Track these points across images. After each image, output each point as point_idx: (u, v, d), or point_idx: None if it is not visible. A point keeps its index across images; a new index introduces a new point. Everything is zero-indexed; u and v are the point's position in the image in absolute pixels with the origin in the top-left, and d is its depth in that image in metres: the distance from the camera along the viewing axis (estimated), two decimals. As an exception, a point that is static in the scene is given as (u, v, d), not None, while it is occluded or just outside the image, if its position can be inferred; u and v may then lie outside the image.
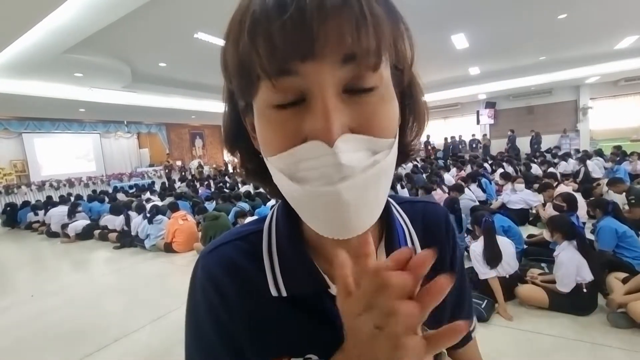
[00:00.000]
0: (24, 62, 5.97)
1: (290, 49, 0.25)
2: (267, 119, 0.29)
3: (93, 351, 2.48)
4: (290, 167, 0.28)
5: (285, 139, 0.28)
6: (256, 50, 0.25)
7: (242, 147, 0.37)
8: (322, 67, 0.25)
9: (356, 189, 0.27)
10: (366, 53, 0.26)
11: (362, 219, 0.29)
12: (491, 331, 2.34)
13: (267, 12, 0.25)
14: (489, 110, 13.98)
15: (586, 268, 2.35)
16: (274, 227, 0.41)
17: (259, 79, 0.27)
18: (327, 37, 0.25)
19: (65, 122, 13.36)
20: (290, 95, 0.27)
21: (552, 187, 4.64)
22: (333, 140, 0.26)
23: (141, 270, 4.44)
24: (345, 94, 0.27)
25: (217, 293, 0.38)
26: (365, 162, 0.27)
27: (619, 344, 2.07)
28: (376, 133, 0.28)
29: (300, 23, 0.24)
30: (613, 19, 6.73)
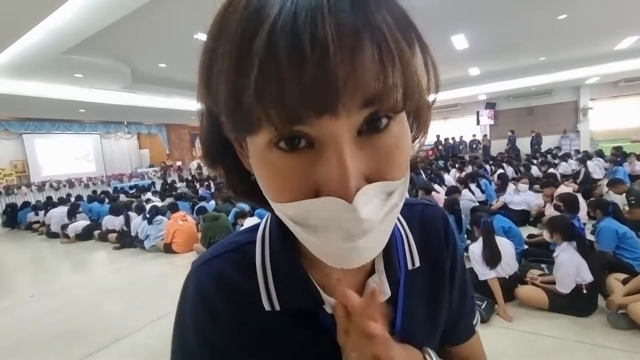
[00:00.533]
0: (24, 63, 5.97)
1: (308, 107, 0.21)
2: (270, 164, 0.25)
3: (92, 352, 2.47)
4: (300, 216, 0.26)
5: (293, 188, 0.24)
6: (263, 106, 0.21)
7: (227, 163, 0.32)
8: (339, 121, 0.22)
9: (373, 238, 0.26)
10: (388, 95, 0.22)
11: (371, 256, 0.28)
12: (491, 332, 2.33)
13: (280, 58, 0.20)
14: (489, 110, 13.98)
15: (586, 269, 2.35)
16: (267, 239, 0.39)
17: (260, 126, 0.23)
18: (351, 87, 0.21)
19: (65, 122, 13.38)
20: (298, 140, 0.23)
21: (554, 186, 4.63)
22: (352, 196, 0.23)
23: (141, 270, 4.44)
24: (359, 136, 0.24)
25: (206, 310, 0.37)
26: (383, 211, 0.26)
27: (620, 346, 2.06)
28: (391, 176, 0.26)
29: (323, 74, 0.20)
30: (613, 19, 6.73)
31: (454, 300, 0.46)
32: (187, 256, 4.80)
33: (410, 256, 0.41)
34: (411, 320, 0.40)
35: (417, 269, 0.41)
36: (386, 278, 0.38)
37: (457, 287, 0.46)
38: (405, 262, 0.40)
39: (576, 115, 12.83)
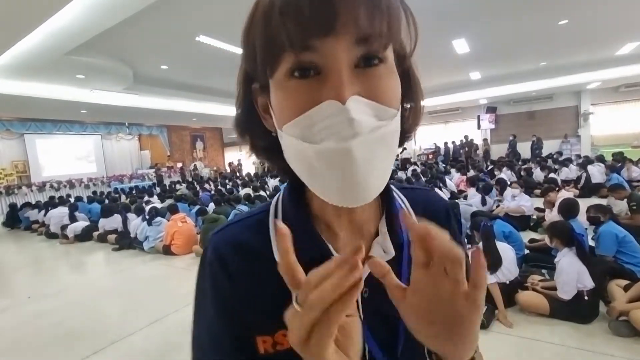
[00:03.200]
0: (27, 64, 6.00)
1: (316, 25, 0.28)
2: (287, 89, 0.31)
3: (89, 354, 2.46)
4: (304, 130, 0.31)
5: (302, 105, 0.30)
6: (285, 24, 0.28)
7: (252, 127, 0.40)
8: (339, 45, 0.29)
9: (365, 147, 0.30)
10: (378, 36, 0.29)
11: (370, 185, 0.31)
12: (491, 338, 2.31)
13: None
14: (489, 115, 13.99)
15: (587, 275, 2.33)
16: (280, 205, 0.44)
17: (283, 51, 0.30)
18: (347, 19, 0.28)
19: (66, 123, 13.41)
20: (309, 70, 0.30)
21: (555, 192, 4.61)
22: (345, 99, 0.29)
23: (139, 272, 4.43)
24: (356, 69, 0.31)
25: (223, 270, 0.41)
26: (372, 124, 0.30)
27: (621, 353, 2.04)
28: (381, 100, 0.31)
29: (326, 3, 0.28)
30: (614, 25, 6.75)
31: None
32: (186, 258, 4.78)
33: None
34: None
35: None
36: (390, 240, 0.41)
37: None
38: (407, 232, 0.41)
39: (577, 120, 12.84)
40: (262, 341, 0.40)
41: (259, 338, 0.40)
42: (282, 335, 0.39)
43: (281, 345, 0.39)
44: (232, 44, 6.42)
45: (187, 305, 3.17)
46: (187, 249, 4.91)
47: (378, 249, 0.41)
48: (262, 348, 0.40)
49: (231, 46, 6.52)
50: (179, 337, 2.60)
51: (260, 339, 0.40)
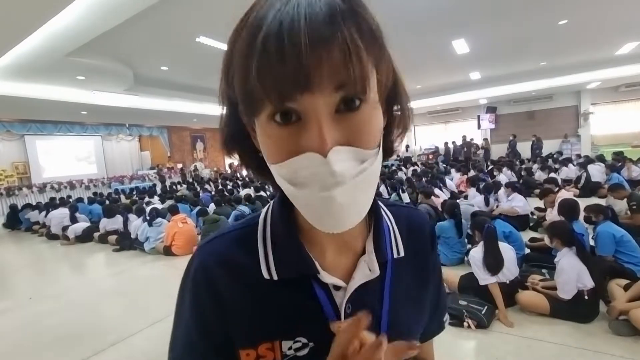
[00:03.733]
0: (27, 65, 6.01)
1: (291, 86, 0.29)
2: (269, 133, 0.32)
3: (90, 355, 2.46)
4: (289, 174, 0.32)
5: (284, 151, 0.32)
6: (262, 84, 0.29)
7: (242, 146, 0.40)
8: (316, 97, 0.30)
9: (348, 193, 0.31)
10: (354, 81, 0.29)
11: (352, 217, 0.34)
12: (491, 338, 2.32)
13: (269, 54, 0.28)
14: (489, 115, 13.99)
15: (587, 275, 2.34)
16: (269, 218, 0.44)
17: (262, 103, 0.31)
18: (321, 74, 0.29)
19: (67, 124, 13.42)
20: (290, 115, 0.31)
21: (554, 193, 4.61)
22: (326, 151, 0.30)
23: (140, 273, 4.43)
24: (337, 114, 0.31)
25: (207, 284, 0.41)
26: (354, 170, 0.31)
27: (621, 352, 2.04)
28: (362, 145, 0.32)
29: (298, 64, 0.28)
30: (613, 25, 6.76)
31: (432, 296, 0.51)
32: (186, 259, 4.64)
33: (396, 246, 0.46)
34: (398, 301, 0.44)
35: (402, 260, 0.46)
36: (375, 259, 0.42)
37: (436, 283, 0.52)
38: (392, 251, 0.45)
39: (577, 120, 12.84)
40: (246, 354, 0.40)
41: (242, 351, 0.40)
42: (265, 348, 0.40)
43: (264, 358, 0.40)
44: (232, 44, 6.43)
45: (188, 306, 3.17)
46: (188, 250, 4.91)
47: (364, 267, 0.42)
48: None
49: (231, 47, 6.53)
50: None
51: (243, 352, 0.40)
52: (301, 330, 0.40)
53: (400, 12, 5.36)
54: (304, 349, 0.40)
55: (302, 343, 0.40)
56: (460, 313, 2.44)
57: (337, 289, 0.41)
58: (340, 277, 0.41)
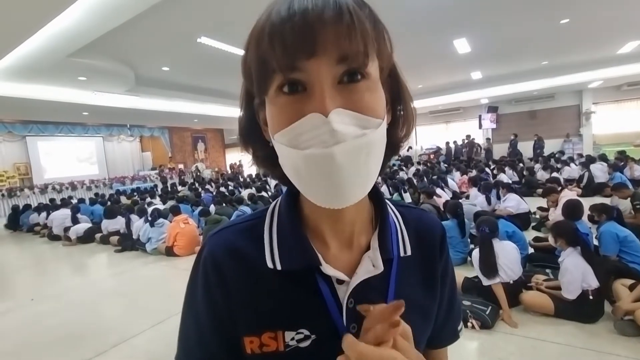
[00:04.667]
0: (29, 66, 6.02)
1: (299, 49, 0.31)
2: (277, 103, 0.35)
3: (92, 356, 2.45)
4: (292, 140, 0.33)
5: (291, 117, 0.33)
6: (273, 50, 0.32)
7: (254, 139, 0.43)
8: (321, 65, 0.32)
9: (348, 153, 0.32)
10: (356, 54, 0.32)
11: (353, 188, 0.34)
12: (496, 338, 2.31)
13: (282, 22, 0.32)
14: (491, 114, 13.96)
15: (591, 275, 2.32)
16: (276, 212, 0.46)
17: (273, 72, 0.33)
18: (326, 42, 0.31)
19: (68, 125, 13.45)
20: (296, 86, 0.33)
21: (556, 192, 4.59)
22: (327, 112, 0.31)
23: (142, 274, 4.43)
24: (339, 85, 0.33)
25: (216, 272, 0.43)
26: (355, 132, 0.32)
27: (626, 353, 2.03)
28: (363, 112, 0.33)
29: (306, 31, 0.31)
30: (616, 24, 6.73)
31: (444, 302, 0.50)
32: (188, 259, 4.78)
33: (403, 245, 0.46)
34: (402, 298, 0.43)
35: (409, 259, 0.46)
36: (380, 255, 0.43)
37: (447, 291, 0.51)
38: (398, 249, 0.45)
39: (579, 119, 12.80)
40: (250, 341, 0.41)
41: (247, 338, 0.41)
42: (268, 337, 0.41)
43: (267, 347, 0.40)
44: (233, 45, 6.42)
45: (190, 307, 3.17)
46: (190, 250, 4.91)
47: (367, 263, 0.42)
48: (249, 348, 0.41)
49: (232, 47, 6.52)
50: (182, 338, 2.60)
51: (247, 339, 0.41)
52: (304, 322, 0.41)
53: (402, 12, 5.34)
54: (306, 340, 0.41)
55: (305, 335, 0.41)
56: (464, 313, 2.43)
57: (340, 283, 0.41)
58: (344, 271, 0.41)
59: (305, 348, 0.40)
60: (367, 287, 0.41)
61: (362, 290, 0.41)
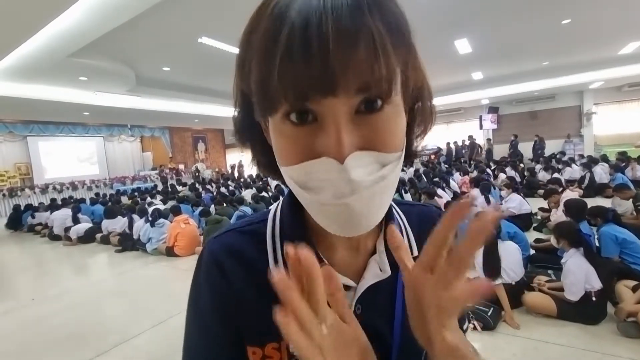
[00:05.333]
0: (29, 66, 6.02)
1: (314, 88, 0.27)
2: (283, 134, 0.31)
3: (93, 356, 2.45)
4: (302, 178, 0.31)
5: (299, 153, 0.30)
6: (281, 83, 0.27)
7: (254, 139, 0.39)
8: (338, 100, 0.28)
9: (364, 200, 0.29)
10: (378, 82, 0.28)
11: (368, 222, 0.32)
12: (498, 340, 2.30)
13: (293, 46, 0.26)
14: (492, 115, 13.94)
15: (594, 276, 2.31)
16: (278, 216, 0.44)
17: (279, 103, 0.29)
18: (346, 77, 0.27)
19: (69, 125, 13.46)
20: (306, 115, 0.29)
21: (558, 193, 4.58)
22: (344, 157, 0.28)
23: (142, 274, 4.42)
24: (356, 115, 0.29)
25: (218, 270, 0.41)
26: (373, 176, 0.30)
27: (630, 354, 2.02)
28: (383, 149, 0.30)
29: (324, 67, 0.26)
30: (617, 24, 6.72)
31: None
32: (189, 260, 4.77)
33: (409, 245, 0.45)
34: None
35: (415, 258, 0.42)
36: (387, 259, 0.41)
37: None
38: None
39: (580, 120, 12.78)
40: (252, 352, 0.39)
41: (250, 349, 0.40)
42: (272, 348, 0.39)
43: (270, 359, 0.39)
44: (234, 45, 6.41)
45: (191, 307, 3.16)
46: (190, 251, 4.91)
47: (374, 267, 0.41)
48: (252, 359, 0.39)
49: (233, 47, 6.52)
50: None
51: (250, 349, 0.39)
52: None
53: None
54: None
55: None
56: (466, 314, 2.42)
57: (347, 289, 0.40)
58: (351, 277, 0.40)
59: None
60: (374, 292, 0.40)
61: (369, 295, 0.40)
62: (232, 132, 0.40)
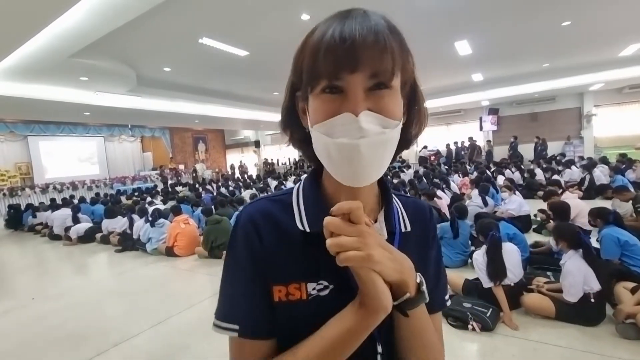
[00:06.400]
0: (31, 66, 6.03)
1: (345, 66, 0.41)
2: (320, 100, 0.44)
3: (93, 356, 2.45)
4: (328, 130, 0.43)
5: (329, 112, 0.43)
6: (326, 63, 0.42)
7: (293, 124, 0.53)
8: (358, 78, 0.42)
9: (369, 145, 0.42)
10: (384, 72, 0.42)
11: (370, 172, 0.44)
12: (497, 341, 2.30)
13: (335, 43, 0.41)
14: (492, 116, 13.95)
15: (593, 277, 2.31)
16: (301, 189, 0.56)
17: (321, 77, 0.43)
18: (365, 62, 0.41)
19: (70, 125, 13.49)
20: (336, 90, 0.43)
21: (557, 195, 4.58)
22: (358, 112, 0.41)
23: (142, 274, 4.42)
24: (369, 91, 0.43)
25: (254, 229, 0.51)
26: (377, 130, 0.42)
27: (629, 356, 2.02)
28: (385, 114, 0.43)
29: (352, 54, 0.41)
30: (617, 26, 6.73)
31: (432, 270, 0.59)
32: (188, 260, 4.78)
33: (404, 222, 0.57)
34: None
35: (408, 234, 0.56)
36: (385, 227, 0.53)
37: (433, 260, 0.60)
38: (400, 225, 0.56)
39: (580, 122, 12.78)
40: (278, 290, 0.49)
41: (275, 287, 0.49)
42: (294, 287, 0.49)
43: (292, 296, 0.49)
44: (234, 45, 6.44)
45: (191, 307, 3.16)
46: (190, 251, 4.91)
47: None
48: (277, 297, 0.49)
49: (234, 48, 6.54)
50: (183, 339, 2.60)
51: (276, 288, 0.49)
52: (323, 275, 0.49)
53: (403, 14, 5.35)
54: (325, 289, 0.49)
55: (324, 285, 0.49)
56: (465, 315, 2.42)
57: None
58: None
59: (325, 296, 0.49)
60: None
61: None
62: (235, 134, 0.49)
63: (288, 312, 0.49)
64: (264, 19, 5.26)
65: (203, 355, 2.37)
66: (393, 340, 0.52)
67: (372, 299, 0.42)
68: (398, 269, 0.44)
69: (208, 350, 2.40)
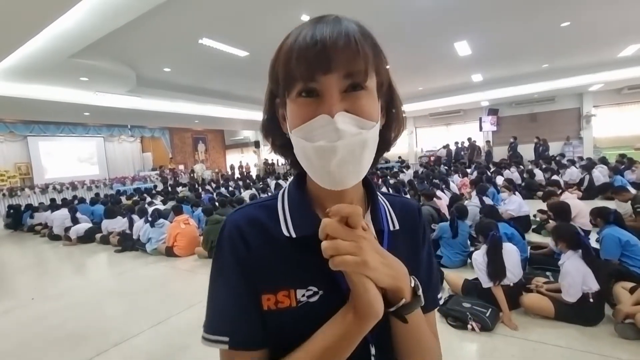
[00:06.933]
0: (31, 66, 6.04)
1: (317, 67, 0.41)
2: (296, 104, 0.44)
3: (93, 356, 2.46)
4: (306, 134, 0.43)
5: (306, 116, 0.43)
6: (299, 66, 0.42)
7: (274, 130, 0.53)
8: (332, 79, 0.42)
9: (346, 147, 0.41)
10: (358, 73, 0.42)
11: (349, 174, 0.43)
12: (496, 341, 2.30)
13: (307, 46, 0.41)
14: (491, 117, 13.97)
15: (592, 278, 2.32)
16: (286, 193, 0.55)
17: (296, 81, 0.43)
18: (337, 63, 0.41)
19: (69, 125, 13.48)
20: (312, 93, 0.43)
21: (557, 195, 4.59)
22: (333, 114, 0.41)
23: (142, 274, 4.43)
24: (344, 93, 0.43)
25: (240, 237, 0.50)
26: (353, 130, 0.42)
27: (628, 356, 2.03)
28: (361, 115, 0.43)
29: (324, 55, 0.41)
30: (617, 27, 6.75)
31: (423, 269, 0.58)
32: (188, 260, 4.78)
33: (391, 220, 0.56)
34: None
35: (398, 233, 0.56)
36: (372, 227, 0.52)
37: (425, 259, 0.59)
38: (388, 224, 0.55)
39: (579, 122, 12.80)
40: (267, 299, 0.48)
41: (264, 296, 0.48)
42: (282, 295, 0.48)
43: (281, 304, 0.48)
44: (234, 46, 6.44)
45: (190, 307, 3.17)
46: (190, 251, 4.91)
47: None
48: (266, 305, 0.48)
49: (234, 48, 6.54)
50: (183, 339, 2.60)
51: (264, 297, 0.48)
52: (312, 281, 0.48)
53: (403, 14, 5.36)
54: (314, 296, 0.48)
55: (313, 291, 0.48)
56: (464, 315, 2.43)
57: None
58: None
59: (315, 302, 0.48)
60: None
61: None
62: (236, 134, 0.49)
63: (278, 320, 0.48)
64: (264, 20, 5.27)
65: (203, 355, 2.37)
66: (386, 342, 0.51)
67: (363, 304, 0.42)
68: (392, 275, 0.44)
69: (208, 350, 2.40)
